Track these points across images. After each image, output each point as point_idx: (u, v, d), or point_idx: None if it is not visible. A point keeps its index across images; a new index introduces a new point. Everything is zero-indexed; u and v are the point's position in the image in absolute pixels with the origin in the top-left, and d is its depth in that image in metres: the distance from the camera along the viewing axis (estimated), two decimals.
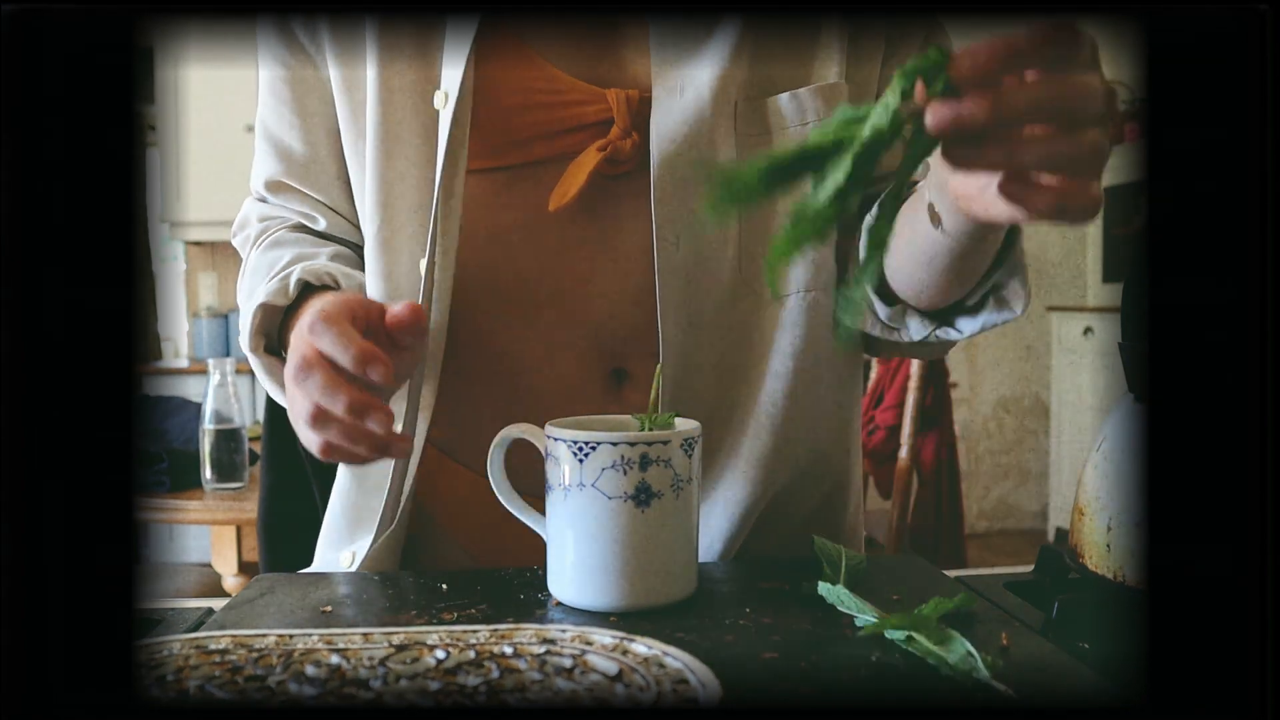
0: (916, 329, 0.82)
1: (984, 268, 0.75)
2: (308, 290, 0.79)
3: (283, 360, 0.79)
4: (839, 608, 0.65)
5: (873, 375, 2.73)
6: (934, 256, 0.73)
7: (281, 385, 0.77)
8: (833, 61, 0.83)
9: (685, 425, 0.68)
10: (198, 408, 2.11)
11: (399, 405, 0.82)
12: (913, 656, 0.56)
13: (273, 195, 0.89)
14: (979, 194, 0.57)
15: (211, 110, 4.08)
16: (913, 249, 0.74)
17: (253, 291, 0.82)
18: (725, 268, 0.82)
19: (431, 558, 0.89)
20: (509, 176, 0.81)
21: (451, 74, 0.79)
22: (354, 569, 0.84)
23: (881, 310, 0.83)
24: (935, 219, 0.69)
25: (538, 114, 0.80)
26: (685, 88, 0.79)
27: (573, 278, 0.81)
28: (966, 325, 0.80)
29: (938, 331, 0.82)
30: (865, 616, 0.62)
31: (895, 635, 0.58)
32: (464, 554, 0.88)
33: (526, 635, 0.55)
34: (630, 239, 0.81)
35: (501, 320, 0.82)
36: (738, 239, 0.82)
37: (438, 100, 0.79)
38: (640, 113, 0.80)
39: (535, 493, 0.72)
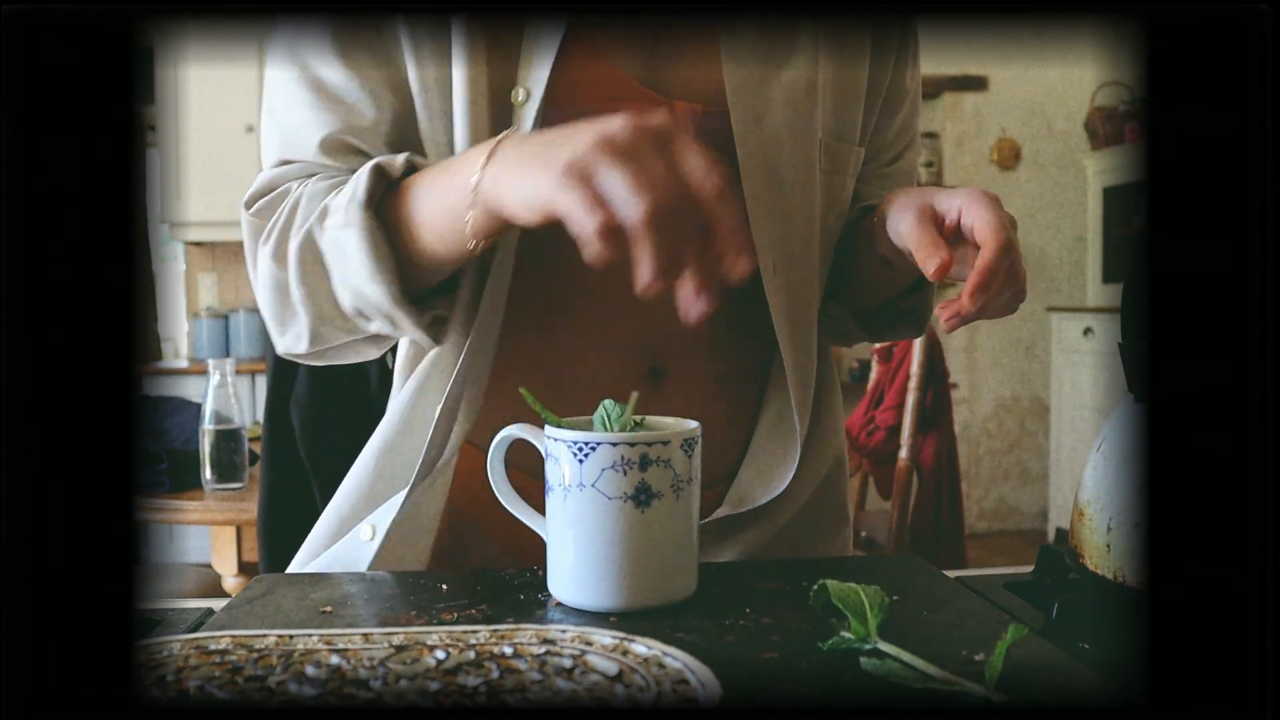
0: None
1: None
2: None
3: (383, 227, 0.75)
4: (894, 679, 0.53)
5: (872, 376, 2.73)
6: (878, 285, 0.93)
7: (379, 253, 0.73)
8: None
9: (685, 426, 0.68)
10: (197, 408, 2.11)
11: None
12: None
13: (329, 155, 0.82)
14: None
15: (211, 110, 4.09)
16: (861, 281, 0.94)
17: (310, 213, 0.77)
18: (818, 292, 0.91)
19: (470, 559, 0.88)
20: None
21: (537, 73, 0.79)
22: (374, 542, 0.82)
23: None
24: (888, 267, 0.86)
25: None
26: (763, 116, 0.83)
27: (618, 278, 0.82)
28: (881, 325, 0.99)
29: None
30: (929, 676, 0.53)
31: (888, 649, 0.56)
32: (503, 552, 0.88)
33: (526, 635, 0.55)
34: None
35: (546, 316, 0.83)
36: (821, 272, 0.91)
37: (518, 96, 0.80)
38: (702, 126, 0.82)
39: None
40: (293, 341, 0.82)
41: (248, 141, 4.13)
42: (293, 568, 0.90)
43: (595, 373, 0.84)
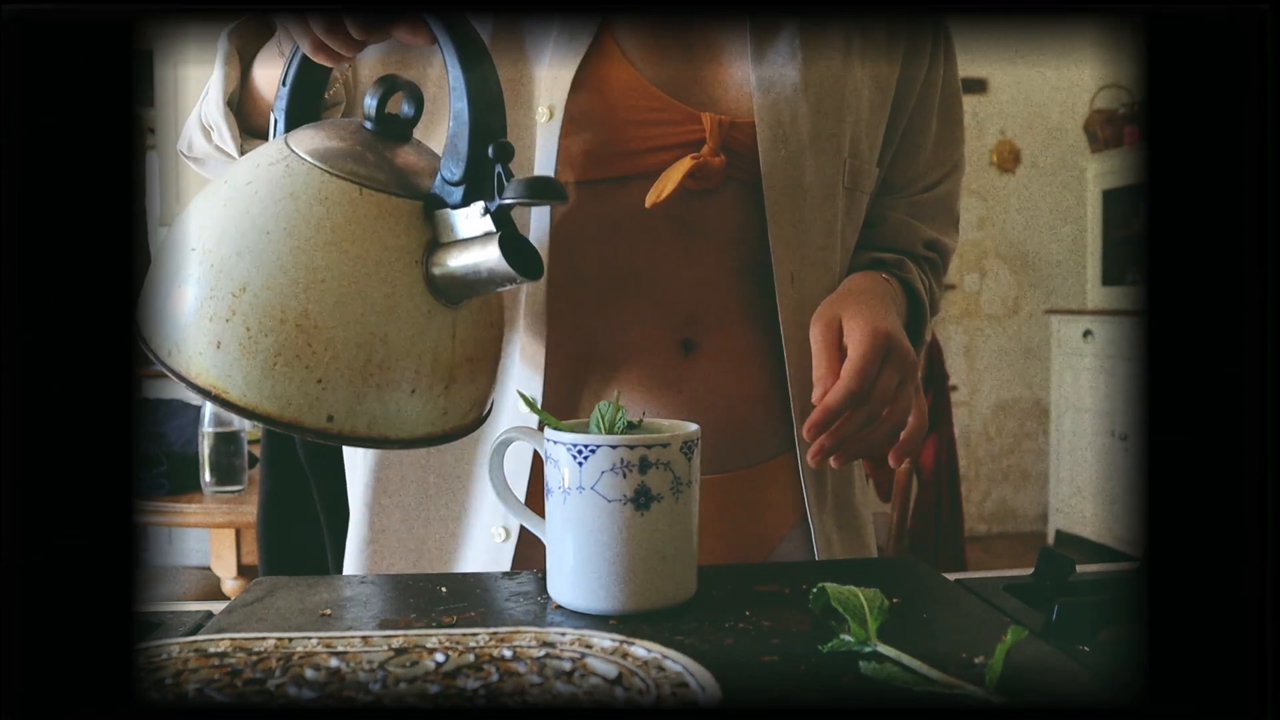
0: None
1: None
2: None
3: None
4: (893, 683, 0.53)
5: None
6: None
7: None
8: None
9: (684, 428, 0.68)
10: (197, 411, 2.11)
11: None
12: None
13: None
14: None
15: None
16: None
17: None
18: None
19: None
20: (591, 190, 0.84)
21: (557, 90, 0.82)
22: (509, 543, 0.85)
23: None
24: None
25: (633, 130, 0.84)
26: (790, 136, 0.86)
27: (650, 270, 0.86)
28: None
29: None
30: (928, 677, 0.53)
31: (888, 652, 0.57)
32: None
33: (526, 638, 0.55)
34: (702, 242, 0.87)
35: (582, 291, 0.86)
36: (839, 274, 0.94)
37: (540, 115, 0.82)
38: (731, 136, 0.85)
39: None
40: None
41: None
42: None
43: (629, 344, 0.86)
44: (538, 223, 0.84)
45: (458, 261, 0.68)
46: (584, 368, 0.87)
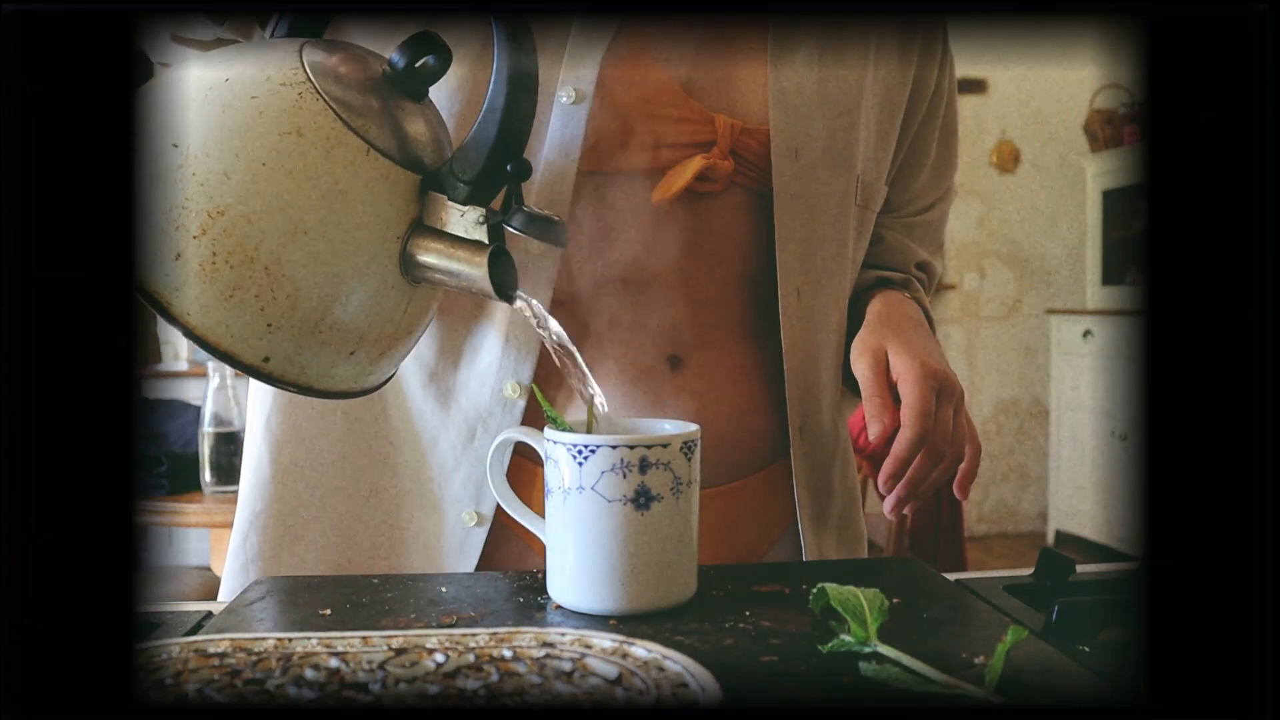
0: None
1: None
2: None
3: None
4: (894, 683, 0.53)
5: None
6: None
7: None
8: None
9: (685, 428, 0.68)
10: (197, 411, 2.11)
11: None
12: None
13: None
14: None
15: None
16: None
17: None
18: (840, 317, 0.93)
19: (504, 558, 0.89)
20: (598, 181, 0.83)
21: (585, 72, 0.81)
22: (482, 528, 0.85)
23: None
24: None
25: (648, 124, 0.83)
26: (802, 150, 0.86)
27: (645, 278, 0.86)
28: None
29: None
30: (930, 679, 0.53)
31: (888, 652, 0.57)
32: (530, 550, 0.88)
33: (526, 639, 0.55)
34: (701, 249, 0.86)
35: (572, 306, 0.85)
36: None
37: (565, 96, 0.81)
38: (741, 141, 0.84)
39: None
40: None
41: None
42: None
43: (618, 359, 0.86)
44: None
45: (440, 259, 0.68)
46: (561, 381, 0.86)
